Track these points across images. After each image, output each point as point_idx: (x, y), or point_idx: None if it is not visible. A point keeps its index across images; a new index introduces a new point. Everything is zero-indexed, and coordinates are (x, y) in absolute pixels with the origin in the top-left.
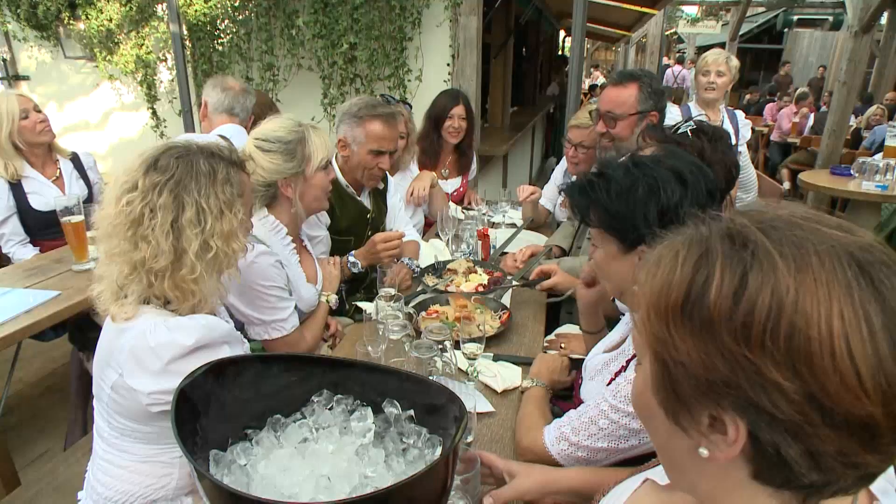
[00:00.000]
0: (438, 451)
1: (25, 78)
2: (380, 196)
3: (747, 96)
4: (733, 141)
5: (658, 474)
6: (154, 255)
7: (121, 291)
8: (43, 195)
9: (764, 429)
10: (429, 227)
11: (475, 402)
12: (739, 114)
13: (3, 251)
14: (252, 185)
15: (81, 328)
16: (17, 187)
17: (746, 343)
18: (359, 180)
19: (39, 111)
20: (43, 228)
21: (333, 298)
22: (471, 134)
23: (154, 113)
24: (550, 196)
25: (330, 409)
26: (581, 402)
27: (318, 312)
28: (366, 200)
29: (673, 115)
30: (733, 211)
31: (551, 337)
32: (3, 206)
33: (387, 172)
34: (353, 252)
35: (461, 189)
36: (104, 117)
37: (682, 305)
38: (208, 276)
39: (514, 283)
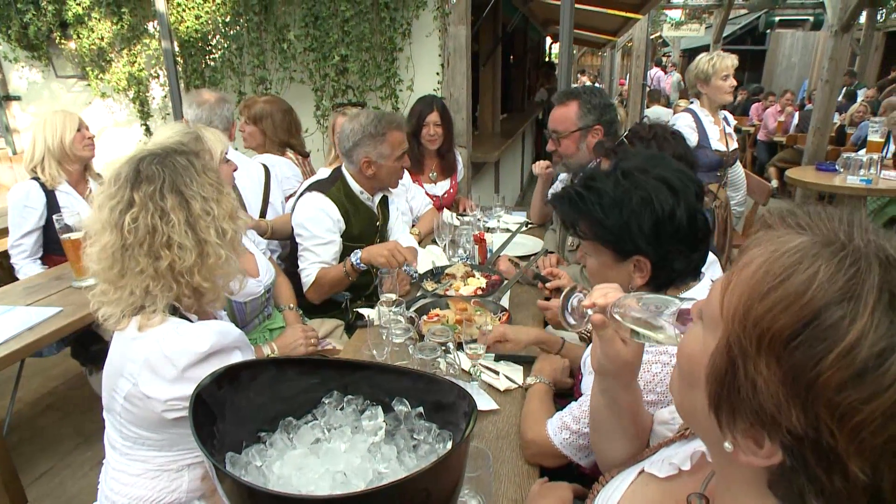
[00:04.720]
0: (449, 445)
1: (17, 98)
2: (383, 203)
3: (739, 96)
4: (734, 142)
5: (654, 465)
6: (180, 256)
7: (145, 303)
8: (74, 210)
9: (803, 482)
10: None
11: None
12: (727, 114)
13: (12, 260)
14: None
15: (83, 342)
16: (51, 198)
17: (840, 425)
18: (383, 184)
19: (88, 130)
20: None
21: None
22: (450, 137)
23: (147, 129)
24: None
25: (341, 409)
26: (581, 395)
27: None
28: (374, 207)
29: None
30: (875, 226)
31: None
32: (37, 215)
33: None
34: (358, 251)
35: (451, 191)
36: (97, 135)
37: (789, 336)
38: (233, 256)
39: (527, 275)
